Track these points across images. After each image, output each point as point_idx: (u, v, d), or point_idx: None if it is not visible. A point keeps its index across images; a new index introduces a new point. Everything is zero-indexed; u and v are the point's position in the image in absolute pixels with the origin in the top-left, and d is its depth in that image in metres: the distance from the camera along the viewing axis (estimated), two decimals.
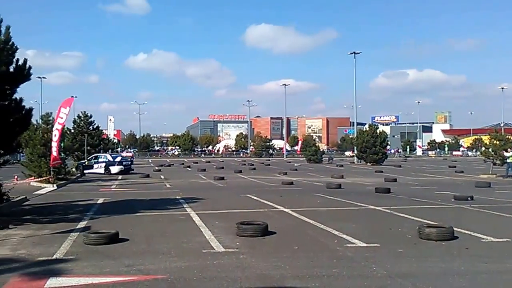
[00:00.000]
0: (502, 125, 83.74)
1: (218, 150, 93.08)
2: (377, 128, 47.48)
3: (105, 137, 50.57)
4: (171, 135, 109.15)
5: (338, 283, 5.32)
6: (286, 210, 11.42)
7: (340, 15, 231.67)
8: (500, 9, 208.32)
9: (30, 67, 10.58)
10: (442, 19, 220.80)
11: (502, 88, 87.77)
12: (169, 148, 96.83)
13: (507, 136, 29.22)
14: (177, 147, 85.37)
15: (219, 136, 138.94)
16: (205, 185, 20.93)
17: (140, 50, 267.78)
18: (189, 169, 35.99)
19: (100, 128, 43.23)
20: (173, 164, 43.38)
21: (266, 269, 5.80)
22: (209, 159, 61.25)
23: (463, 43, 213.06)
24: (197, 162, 47.82)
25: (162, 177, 25.89)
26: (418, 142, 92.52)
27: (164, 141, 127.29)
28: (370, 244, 7.34)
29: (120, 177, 26.08)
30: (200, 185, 20.91)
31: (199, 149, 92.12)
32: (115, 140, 69.59)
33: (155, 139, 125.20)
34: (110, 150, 53.02)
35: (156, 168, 34.56)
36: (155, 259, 6.35)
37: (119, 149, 73.18)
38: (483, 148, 29.46)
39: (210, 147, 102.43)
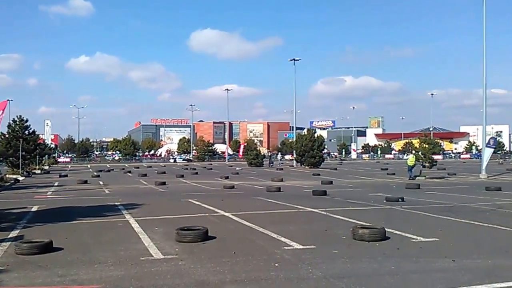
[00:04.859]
0: (431, 129, 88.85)
1: (160, 155, 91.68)
2: (315, 132, 48.93)
3: (42, 142, 48.73)
4: (112, 139, 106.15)
5: (275, 286, 5.41)
6: (226, 214, 11.47)
7: (283, 23, 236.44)
8: (435, 20, 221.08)
9: None
10: (380, 29, 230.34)
11: (432, 94, 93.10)
12: (109, 152, 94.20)
13: (435, 140, 31.18)
14: (118, 152, 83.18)
15: (162, 140, 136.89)
16: (145, 190, 20.56)
17: (83, 53, 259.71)
18: (130, 174, 35.19)
19: (36, 133, 41.77)
20: (113, 170, 42.24)
21: (205, 275, 5.81)
22: (151, 164, 60.21)
23: (399, 51, 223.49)
24: (138, 167, 46.81)
25: (101, 183, 25.14)
26: (353, 146, 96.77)
27: (104, 146, 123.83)
28: (306, 246, 7.52)
29: (56, 183, 25.06)
30: (141, 190, 20.52)
31: (141, 154, 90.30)
32: (52, 145, 66.95)
33: (95, 143, 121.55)
34: (46, 156, 51.07)
35: (95, 173, 33.50)
36: (90, 268, 6.19)
37: (56, 154, 70.44)
38: (414, 152, 31.20)
39: (152, 152, 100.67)
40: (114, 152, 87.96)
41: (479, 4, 30.34)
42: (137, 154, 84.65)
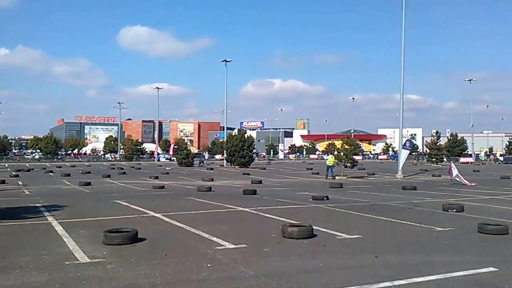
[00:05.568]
0: (352, 131, 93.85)
1: (84, 154, 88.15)
2: (245, 132, 49.51)
3: None
4: (32, 137, 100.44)
5: (207, 286, 5.41)
6: (157, 215, 11.28)
7: (215, 25, 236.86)
8: (358, 30, 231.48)
9: None
10: (308, 35, 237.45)
11: (353, 98, 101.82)
12: (29, 151, 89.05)
13: (356, 142, 32.70)
14: (38, 151, 78.89)
15: (86, 139, 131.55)
16: (69, 191, 19.70)
17: (2, 45, 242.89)
18: (52, 174, 33.55)
19: None
20: (33, 169, 40.03)
21: (135, 278, 5.66)
22: (75, 163, 57.73)
23: (324, 57, 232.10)
24: (60, 167, 44.69)
25: (20, 183, 23.76)
26: (281, 146, 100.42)
27: (23, 144, 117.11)
28: (238, 245, 7.60)
29: None
30: (64, 191, 19.62)
31: (64, 153, 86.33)
32: None
33: (13, 141, 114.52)
34: None
35: (13, 173, 31.60)
36: (10, 274, 5.84)
37: None
38: (335, 152, 32.46)
39: (76, 151, 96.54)
40: (34, 151, 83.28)
41: (398, 16, 32.24)
42: (60, 152, 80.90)
